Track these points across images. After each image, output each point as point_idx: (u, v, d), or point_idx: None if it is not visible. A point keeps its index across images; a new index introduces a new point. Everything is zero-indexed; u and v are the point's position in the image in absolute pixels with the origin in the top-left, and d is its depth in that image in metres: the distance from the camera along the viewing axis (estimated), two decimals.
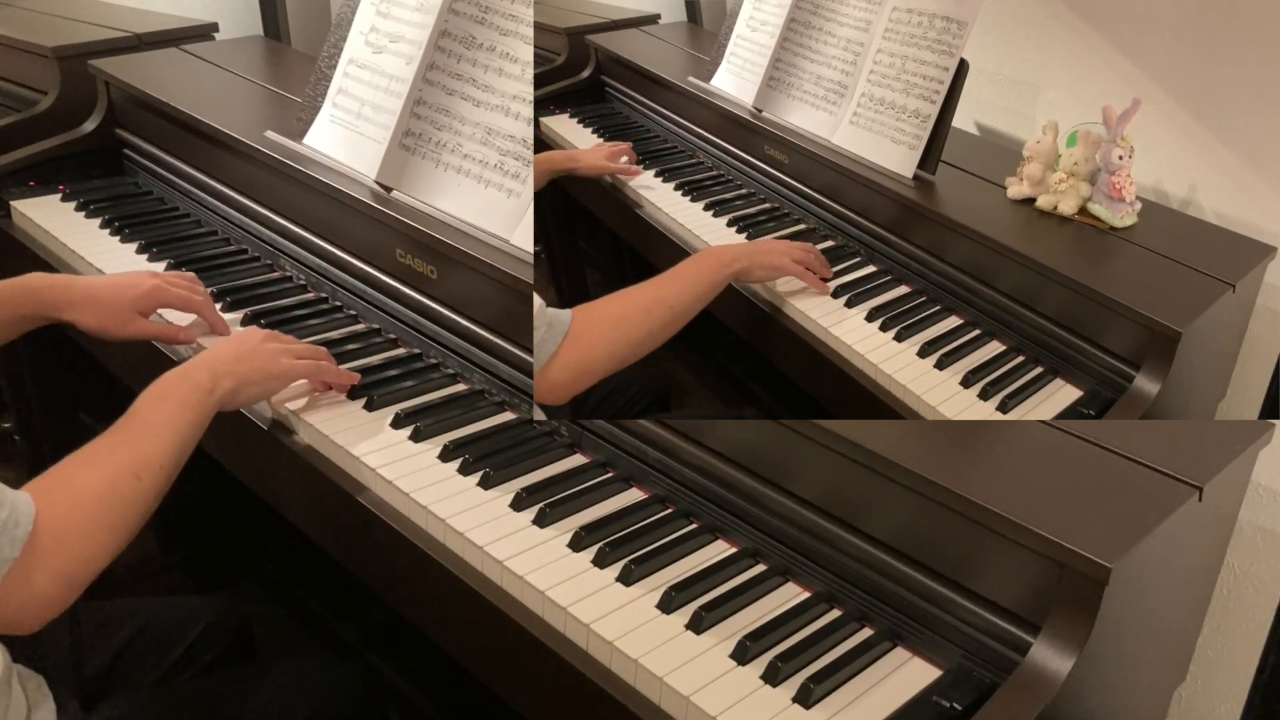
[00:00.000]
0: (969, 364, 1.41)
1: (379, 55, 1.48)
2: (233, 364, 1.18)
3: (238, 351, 1.21)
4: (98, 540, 0.97)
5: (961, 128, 1.82)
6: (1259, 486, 1.40)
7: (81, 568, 0.95)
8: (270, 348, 1.23)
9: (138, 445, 1.04)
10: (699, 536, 1.14)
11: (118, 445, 1.04)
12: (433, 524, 1.13)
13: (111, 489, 0.99)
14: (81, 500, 0.97)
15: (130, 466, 1.01)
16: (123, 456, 1.02)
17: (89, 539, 0.96)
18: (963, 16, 1.63)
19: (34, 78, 2.00)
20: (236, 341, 1.23)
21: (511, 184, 1.36)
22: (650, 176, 1.98)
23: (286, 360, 1.24)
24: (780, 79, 1.92)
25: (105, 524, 0.97)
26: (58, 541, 0.93)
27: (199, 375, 1.14)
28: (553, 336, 1.18)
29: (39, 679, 1.12)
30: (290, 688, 1.26)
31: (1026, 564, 0.94)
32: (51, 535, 0.93)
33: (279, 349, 1.24)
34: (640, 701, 0.95)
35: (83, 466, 1.00)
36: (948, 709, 0.95)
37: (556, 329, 1.18)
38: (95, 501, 0.97)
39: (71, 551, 0.94)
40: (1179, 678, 1.35)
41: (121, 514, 0.99)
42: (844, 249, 1.72)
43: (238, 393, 1.18)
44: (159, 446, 1.05)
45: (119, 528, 0.99)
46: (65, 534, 0.94)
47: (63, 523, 0.94)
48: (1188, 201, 1.70)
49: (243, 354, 1.21)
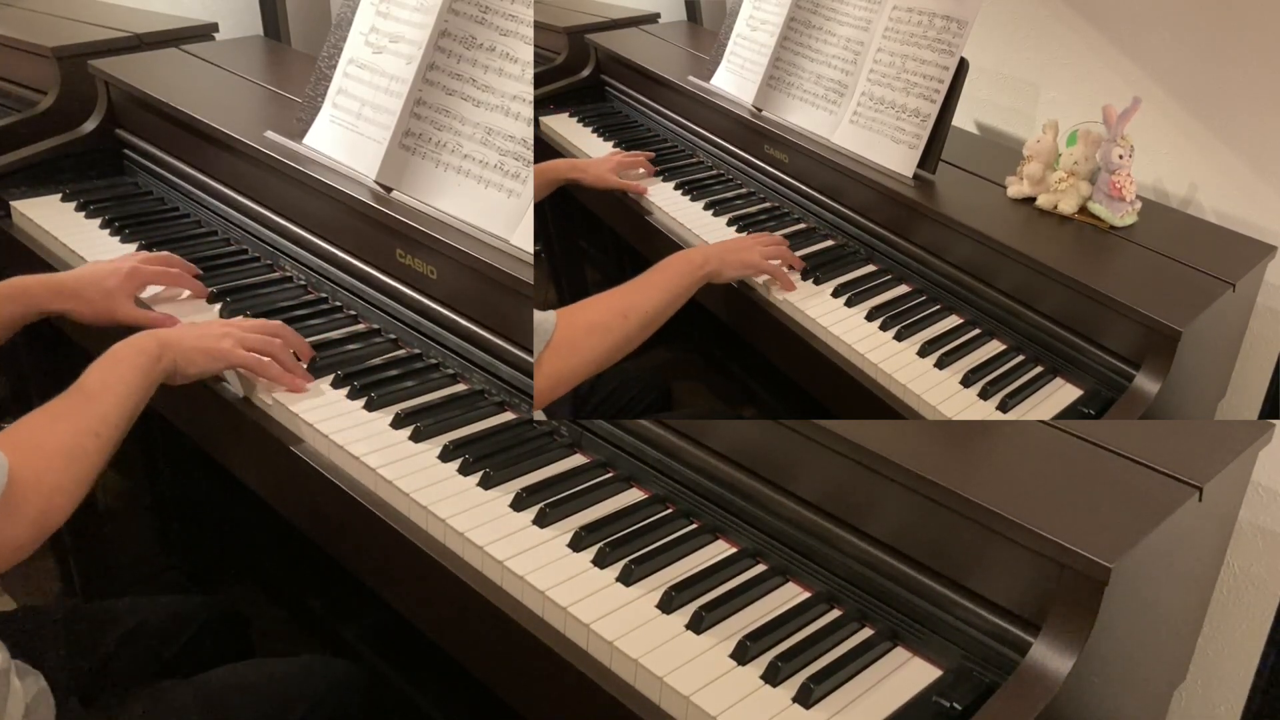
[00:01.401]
0: (969, 363, 1.41)
1: (379, 55, 1.48)
2: (179, 339, 1.25)
3: (189, 332, 1.29)
4: (66, 491, 1.04)
5: (961, 127, 1.82)
6: (1259, 486, 1.40)
7: (54, 516, 1.03)
8: (217, 330, 1.30)
9: (96, 405, 1.12)
10: (699, 536, 1.14)
11: (77, 404, 1.11)
12: (433, 524, 1.13)
13: (76, 444, 1.07)
14: (50, 454, 1.04)
15: (89, 425, 1.09)
16: (83, 414, 1.10)
17: (59, 490, 1.04)
18: (963, 16, 1.63)
19: (34, 78, 2.00)
20: (194, 326, 1.33)
21: (511, 184, 1.36)
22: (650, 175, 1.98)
23: (228, 344, 1.28)
24: (780, 78, 1.92)
25: (72, 476, 1.05)
26: (33, 491, 1.00)
27: (147, 342, 1.21)
28: (538, 342, 1.18)
29: (37, 675, 1.12)
30: (289, 686, 1.26)
31: (1026, 564, 0.94)
32: (26, 486, 0.99)
33: (225, 333, 1.30)
34: (640, 701, 0.95)
35: (48, 423, 1.08)
36: (948, 709, 0.95)
37: (541, 334, 1.18)
38: (63, 455, 1.05)
39: (45, 501, 1.02)
40: (1179, 678, 1.35)
41: (85, 467, 1.07)
42: (844, 248, 1.72)
43: (180, 367, 1.24)
44: (114, 406, 1.13)
45: (83, 480, 1.07)
46: (38, 485, 1.01)
47: (35, 475, 1.01)
48: (1188, 201, 1.70)
49: (194, 334, 1.28)
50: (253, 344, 1.30)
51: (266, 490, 1.35)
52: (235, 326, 1.32)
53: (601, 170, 1.89)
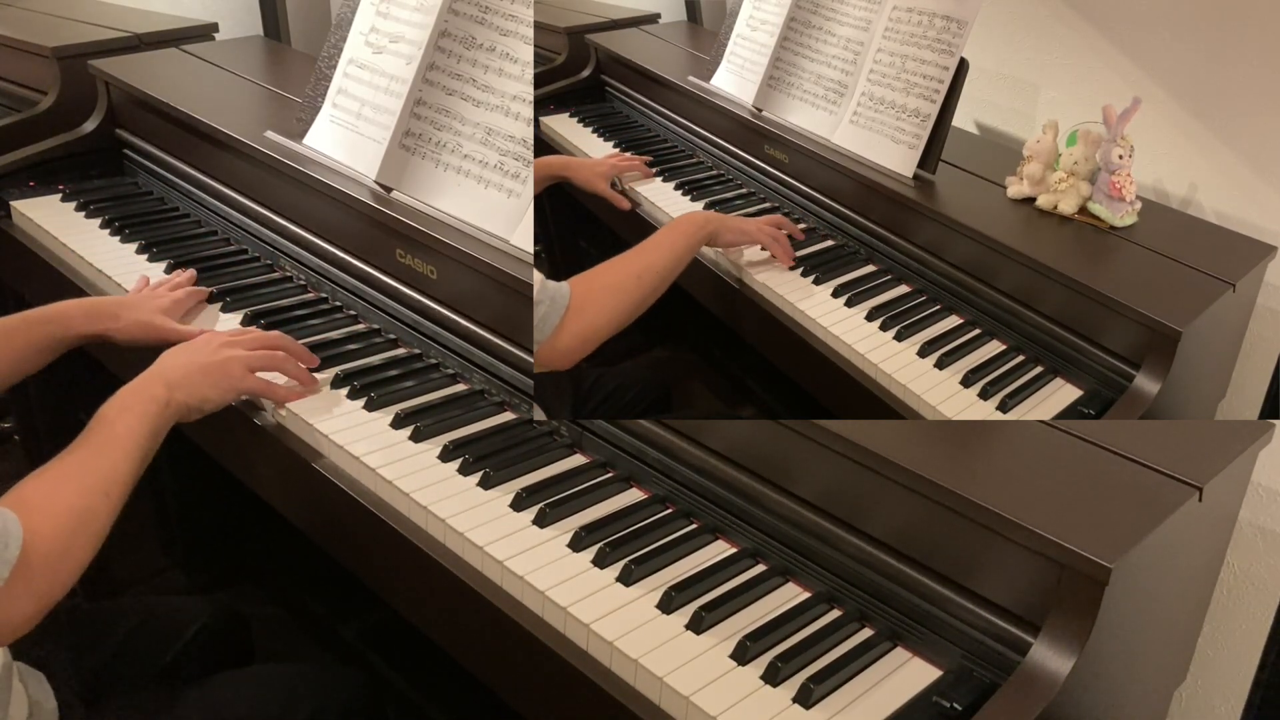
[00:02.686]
0: (969, 363, 1.41)
1: (379, 55, 1.48)
2: (187, 376, 1.20)
3: (191, 363, 1.22)
4: (76, 557, 0.99)
5: (961, 127, 1.82)
6: (1259, 486, 1.40)
7: (60, 587, 0.97)
8: (225, 356, 1.24)
9: (105, 461, 1.06)
10: (699, 536, 1.14)
11: (87, 460, 1.05)
12: (433, 524, 1.13)
13: (86, 507, 1.01)
14: (62, 518, 0.98)
15: (100, 483, 1.03)
16: (93, 472, 1.04)
17: (69, 557, 0.98)
18: (963, 16, 1.63)
19: (34, 78, 2.00)
20: (192, 349, 1.25)
21: (511, 184, 1.36)
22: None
23: (238, 371, 1.24)
24: (780, 78, 1.92)
25: (82, 542, 0.99)
26: (42, 561, 0.94)
27: (155, 388, 1.16)
28: (555, 309, 1.23)
29: (40, 676, 1.12)
30: (290, 688, 1.26)
31: (1026, 564, 0.94)
32: (38, 555, 0.94)
33: (235, 358, 1.24)
34: (640, 701, 0.95)
35: (59, 482, 1.02)
36: (948, 709, 0.95)
37: (559, 301, 1.23)
38: (75, 519, 0.99)
39: (53, 570, 0.96)
40: (1179, 678, 1.35)
41: (95, 530, 1.01)
42: (844, 248, 1.72)
43: (192, 406, 1.19)
44: (124, 461, 1.07)
45: (92, 544, 1.01)
46: (49, 554, 0.95)
47: (47, 542, 0.95)
48: (1188, 201, 1.70)
49: (197, 365, 1.22)
50: (258, 363, 1.27)
51: (265, 490, 1.35)
52: (237, 346, 1.27)
53: (592, 174, 1.88)
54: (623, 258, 1.36)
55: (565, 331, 1.24)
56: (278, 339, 1.33)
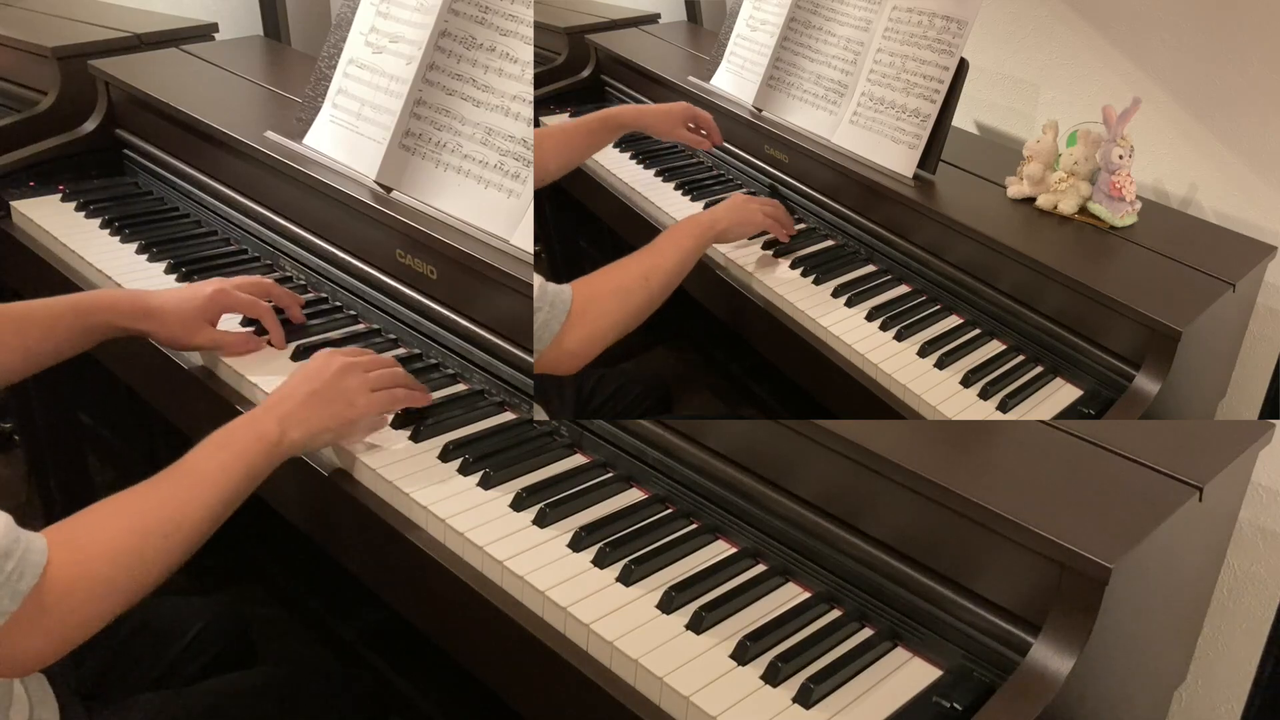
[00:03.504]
0: (969, 363, 1.41)
1: (379, 55, 1.48)
2: (306, 411, 1.11)
3: (310, 393, 1.13)
4: (103, 602, 0.91)
5: (961, 127, 1.82)
6: (1259, 486, 1.40)
7: (77, 630, 0.91)
8: (347, 385, 1.16)
9: (176, 499, 0.98)
10: (699, 536, 1.14)
11: (156, 497, 0.98)
12: (433, 524, 1.13)
13: (132, 548, 0.93)
14: (96, 557, 0.91)
15: (160, 524, 0.96)
16: (156, 511, 0.96)
17: (93, 601, 0.90)
18: (963, 16, 1.63)
19: (34, 78, 2.00)
20: (311, 379, 1.15)
21: (511, 184, 1.36)
22: (651, 176, 1.98)
23: (363, 400, 1.17)
24: (780, 78, 1.92)
25: (115, 586, 0.92)
26: (59, 600, 0.88)
27: (266, 423, 1.08)
28: (556, 314, 1.21)
29: (40, 678, 1.12)
30: (291, 690, 1.26)
31: (1026, 564, 0.94)
32: (55, 593, 0.87)
33: (356, 386, 1.16)
34: (640, 701, 0.95)
35: (111, 516, 0.95)
36: (948, 709, 0.95)
37: (559, 306, 1.21)
38: (110, 561, 0.92)
39: (71, 612, 0.89)
40: (1179, 678, 1.35)
41: (137, 575, 0.93)
42: (844, 248, 1.72)
43: (307, 445, 1.12)
44: (200, 501, 0.99)
45: (130, 589, 0.93)
46: (69, 594, 0.88)
47: (69, 581, 0.88)
48: (1188, 201, 1.70)
49: (315, 396, 1.13)
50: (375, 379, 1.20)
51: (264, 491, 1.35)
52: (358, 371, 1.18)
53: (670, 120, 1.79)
54: (629, 259, 1.35)
55: (571, 336, 1.21)
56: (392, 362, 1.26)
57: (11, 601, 0.85)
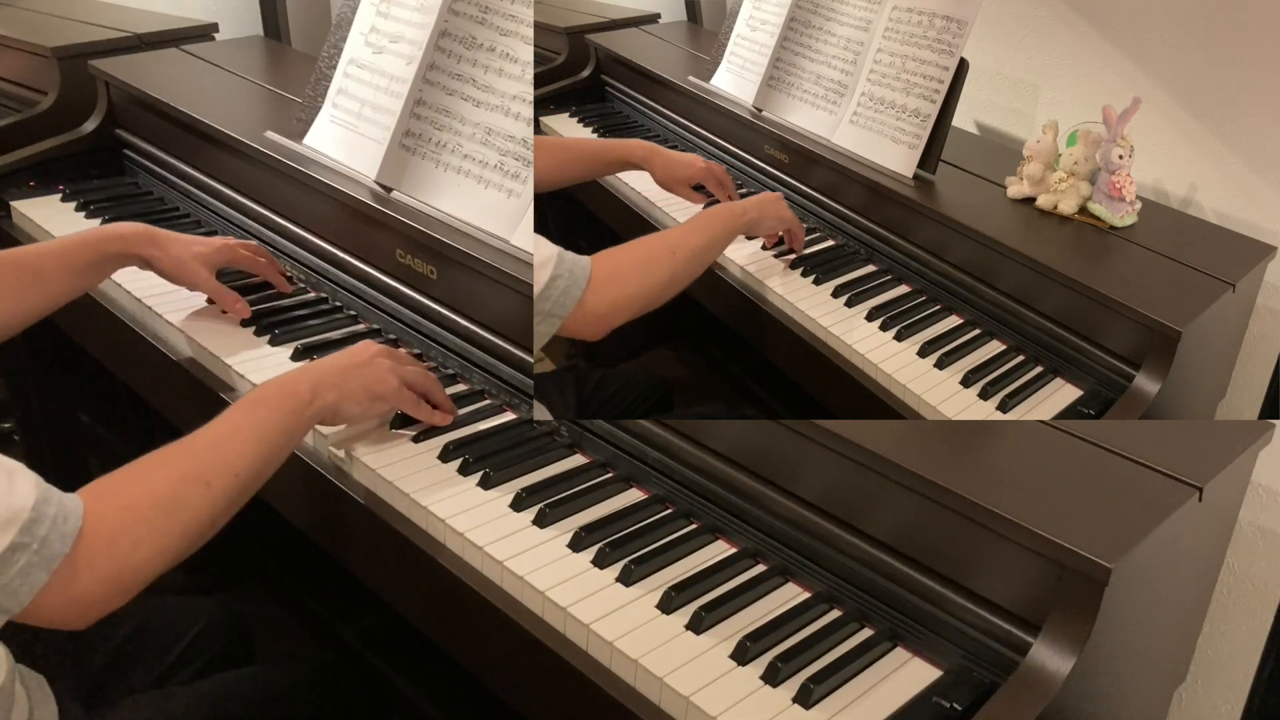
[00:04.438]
0: (969, 363, 1.41)
1: (379, 55, 1.48)
2: (338, 376, 1.15)
3: (347, 364, 1.18)
4: (151, 545, 0.93)
5: (961, 127, 1.82)
6: (1259, 486, 1.40)
7: (131, 573, 0.92)
8: (382, 364, 1.20)
9: (216, 450, 1.01)
10: (699, 536, 1.14)
11: (194, 448, 1.00)
12: (433, 524, 1.13)
13: (174, 494, 0.95)
14: (138, 503, 0.93)
15: (201, 471, 0.98)
16: (195, 460, 0.99)
17: (140, 544, 0.92)
18: (963, 16, 1.63)
19: (34, 78, 2.00)
20: (347, 354, 1.20)
21: (511, 184, 1.36)
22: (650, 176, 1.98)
23: (394, 381, 1.20)
24: (780, 78, 1.92)
25: (160, 529, 0.93)
26: (106, 544, 0.90)
27: (299, 385, 1.11)
28: (576, 281, 1.19)
29: (40, 679, 1.12)
30: (291, 689, 1.26)
31: (1026, 564, 0.94)
32: (100, 537, 0.89)
33: (390, 367, 1.20)
34: (640, 702, 0.95)
35: (149, 468, 0.97)
36: (948, 709, 0.95)
37: (579, 274, 1.20)
38: (152, 505, 0.94)
39: (121, 555, 0.91)
40: (1179, 678, 1.35)
41: (182, 520, 0.95)
42: (844, 248, 1.72)
43: (338, 408, 1.15)
44: (238, 453, 1.01)
45: (177, 534, 0.95)
46: (115, 536, 0.91)
47: (114, 525, 0.91)
48: (1188, 201, 1.70)
49: (351, 367, 1.17)
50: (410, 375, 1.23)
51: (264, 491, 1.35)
52: (394, 358, 1.22)
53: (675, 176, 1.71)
54: (655, 235, 1.34)
55: (595, 298, 1.20)
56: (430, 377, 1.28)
57: (62, 544, 0.87)
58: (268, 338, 1.41)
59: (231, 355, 1.37)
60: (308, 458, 1.23)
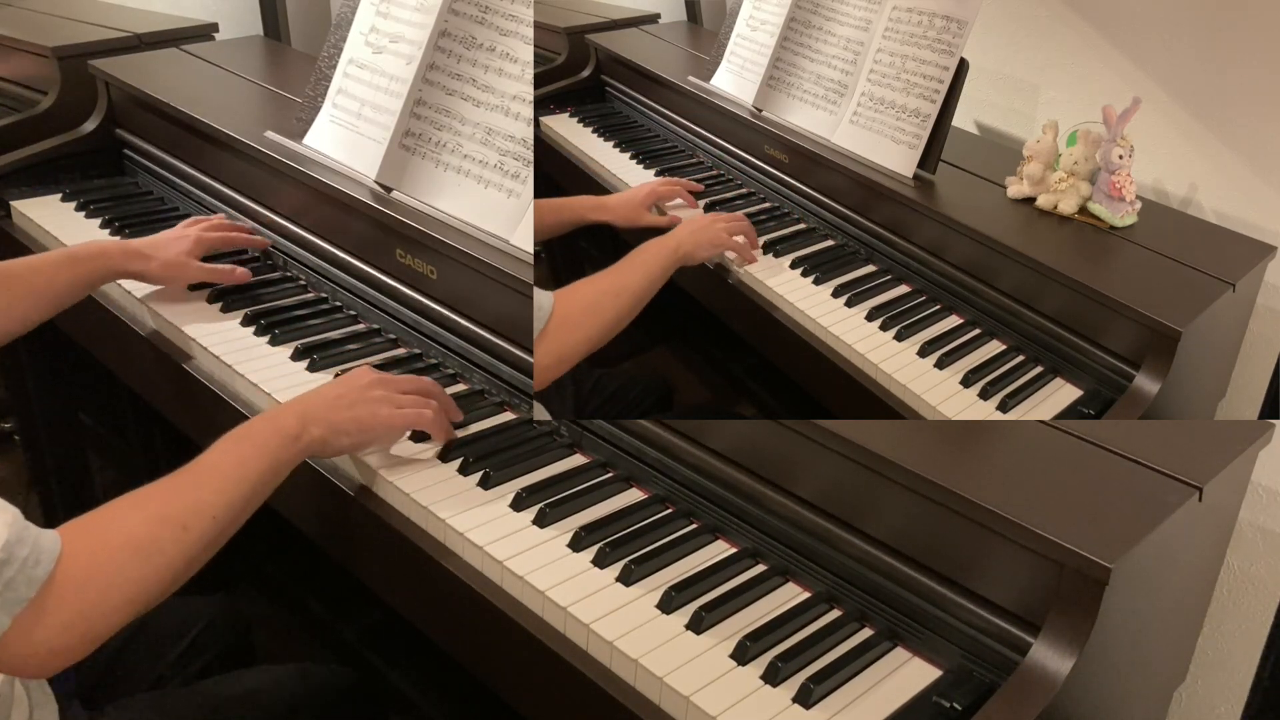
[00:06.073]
0: (969, 363, 1.41)
1: (379, 55, 1.48)
2: (328, 410, 1.11)
3: (336, 396, 1.14)
4: (121, 593, 0.90)
5: (961, 127, 1.82)
6: (1259, 486, 1.40)
7: (98, 622, 0.89)
8: (374, 395, 1.15)
9: (195, 490, 0.98)
10: (699, 536, 1.14)
11: (172, 489, 0.98)
12: (433, 524, 1.13)
13: (151, 538, 0.92)
14: (112, 547, 0.90)
15: (180, 514, 0.95)
16: (174, 502, 0.96)
17: (110, 590, 0.89)
18: (963, 16, 1.63)
19: (34, 78, 2.00)
20: (339, 385, 1.17)
21: (511, 184, 1.36)
22: (651, 177, 1.98)
23: (387, 411, 1.15)
24: (780, 78, 1.92)
25: (132, 576, 0.90)
26: (75, 590, 0.86)
27: (286, 419, 1.08)
28: (537, 322, 1.21)
29: (41, 679, 1.12)
30: (291, 689, 1.26)
31: (1026, 564, 0.94)
32: (70, 583, 0.86)
33: (383, 397, 1.16)
34: (640, 701, 0.95)
35: (127, 510, 0.94)
36: (948, 709, 0.95)
37: (540, 314, 1.22)
38: (128, 550, 0.91)
39: (88, 603, 0.87)
40: (1179, 678, 1.35)
41: (156, 566, 0.92)
42: (844, 248, 1.72)
43: (328, 442, 1.11)
44: (219, 493, 0.98)
45: (150, 580, 0.92)
46: (85, 583, 0.87)
47: (85, 571, 0.87)
48: (1188, 201, 1.70)
49: (341, 400, 1.13)
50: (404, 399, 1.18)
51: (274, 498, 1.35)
52: (389, 385, 1.18)
53: (630, 210, 1.74)
54: (598, 276, 1.34)
55: (542, 349, 1.20)
56: (430, 385, 1.24)
57: (28, 588, 0.84)
58: (268, 338, 1.42)
59: (231, 355, 1.37)
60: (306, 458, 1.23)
